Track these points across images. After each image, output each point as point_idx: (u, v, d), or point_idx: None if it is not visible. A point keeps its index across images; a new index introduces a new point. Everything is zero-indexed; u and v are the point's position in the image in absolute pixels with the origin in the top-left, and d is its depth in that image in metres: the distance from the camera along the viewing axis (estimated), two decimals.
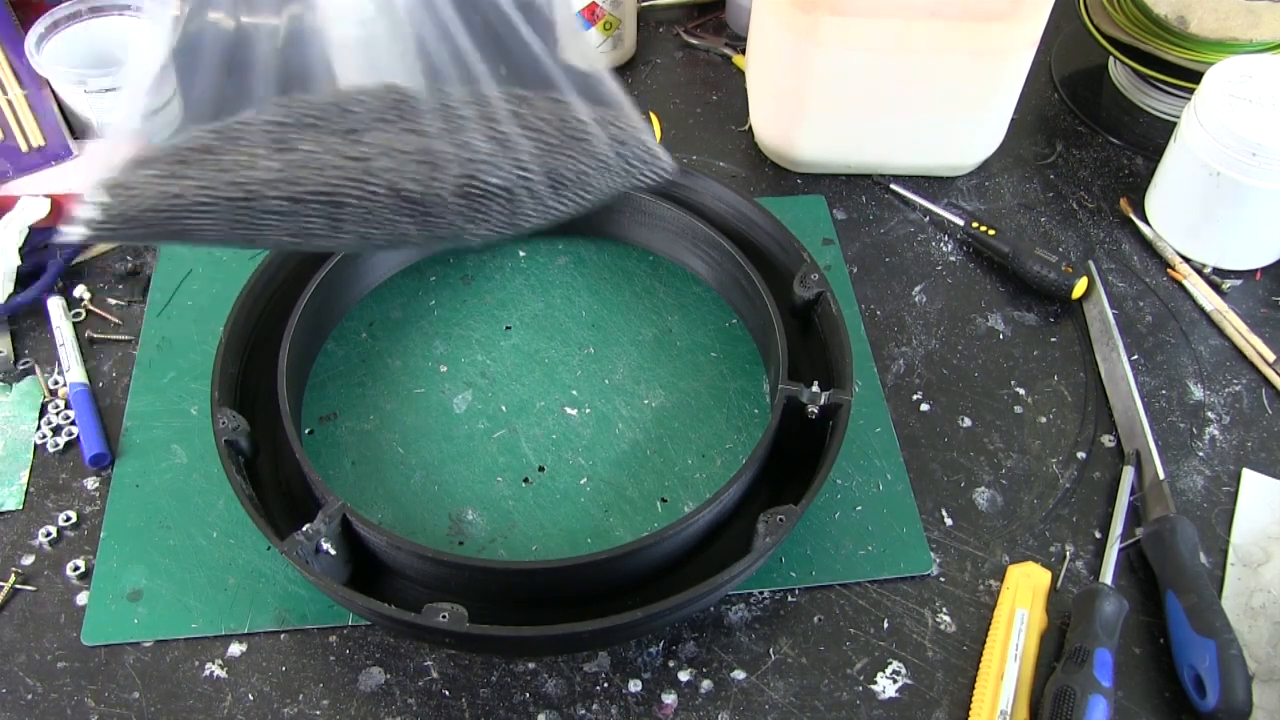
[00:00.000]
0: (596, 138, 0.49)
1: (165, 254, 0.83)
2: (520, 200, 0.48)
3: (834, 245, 0.85)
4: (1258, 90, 0.79)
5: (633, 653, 0.64)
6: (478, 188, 0.47)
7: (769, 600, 0.66)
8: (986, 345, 0.80)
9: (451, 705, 0.62)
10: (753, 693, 0.62)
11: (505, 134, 0.47)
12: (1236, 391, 0.78)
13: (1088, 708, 0.58)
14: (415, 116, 0.46)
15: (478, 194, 0.47)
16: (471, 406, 0.75)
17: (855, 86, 0.83)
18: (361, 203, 0.46)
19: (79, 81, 0.85)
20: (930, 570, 0.68)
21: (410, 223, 0.48)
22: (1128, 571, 0.68)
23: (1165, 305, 0.83)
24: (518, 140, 0.47)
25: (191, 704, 0.61)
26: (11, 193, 0.81)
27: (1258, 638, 0.65)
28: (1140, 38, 0.91)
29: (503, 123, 0.47)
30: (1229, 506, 0.71)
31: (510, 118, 0.47)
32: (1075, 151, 0.95)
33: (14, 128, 0.85)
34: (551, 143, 0.48)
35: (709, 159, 0.93)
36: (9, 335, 0.78)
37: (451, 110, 0.47)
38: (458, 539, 0.68)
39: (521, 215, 0.49)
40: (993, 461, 0.73)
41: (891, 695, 0.63)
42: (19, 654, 0.63)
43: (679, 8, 1.07)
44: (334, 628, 0.64)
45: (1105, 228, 0.89)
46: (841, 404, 0.65)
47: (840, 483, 0.71)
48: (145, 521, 0.68)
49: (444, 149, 0.46)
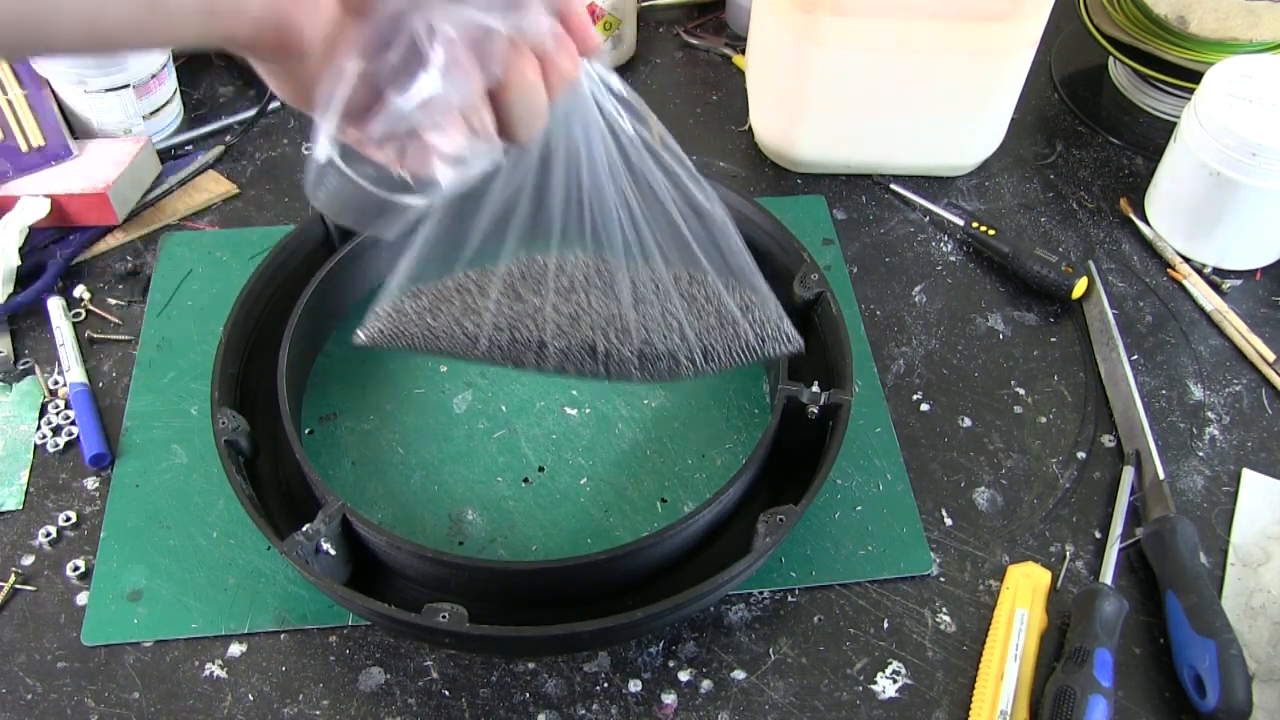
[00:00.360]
0: (740, 325, 0.61)
1: (165, 254, 0.83)
2: (682, 364, 0.60)
3: (834, 245, 0.85)
4: (1258, 90, 0.79)
5: (633, 653, 0.64)
6: (650, 353, 0.60)
7: (769, 600, 0.66)
8: (986, 345, 0.80)
9: (451, 705, 0.62)
10: (753, 693, 0.62)
11: (675, 311, 0.60)
12: (1236, 391, 0.78)
13: (1087, 708, 0.58)
14: (612, 284, 0.59)
15: (650, 357, 0.60)
16: (471, 406, 0.75)
17: (855, 86, 0.83)
18: (563, 350, 0.59)
19: (79, 81, 0.85)
20: (930, 570, 0.68)
21: (595, 365, 0.60)
22: (1128, 571, 0.68)
23: (1165, 305, 0.83)
24: (684, 319, 0.60)
25: (191, 704, 0.61)
26: (11, 193, 0.82)
27: (1258, 638, 0.65)
28: (1140, 38, 0.91)
29: (674, 300, 0.60)
30: (1229, 506, 0.71)
31: (679, 298, 0.60)
32: (1075, 151, 0.95)
33: (14, 128, 0.85)
34: (710, 324, 0.61)
35: (709, 159, 0.93)
36: (9, 335, 0.78)
37: (638, 284, 0.59)
38: (458, 539, 0.68)
39: (678, 374, 0.61)
40: (993, 461, 0.73)
41: (891, 695, 0.63)
42: (19, 654, 0.63)
43: (679, 8, 1.07)
44: (334, 628, 0.64)
45: (1105, 228, 0.89)
46: (841, 404, 0.66)
47: (840, 483, 0.71)
48: (145, 521, 0.68)
49: (631, 316, 0.59)
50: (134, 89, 0.87)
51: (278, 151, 0.92)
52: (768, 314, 0.63)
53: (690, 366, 0.61)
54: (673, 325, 0.60)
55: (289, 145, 0.93)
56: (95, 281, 0.82)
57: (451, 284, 0.61)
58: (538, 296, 0.60)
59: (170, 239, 0.84)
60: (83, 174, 0.83)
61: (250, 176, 0.90)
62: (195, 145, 0.92)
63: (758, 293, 0.62)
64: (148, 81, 0.87)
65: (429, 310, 0.60)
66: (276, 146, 0.93)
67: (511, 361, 0.61)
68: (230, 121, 0.94)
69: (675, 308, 0.60)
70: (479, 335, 0.60)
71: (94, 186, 0.82)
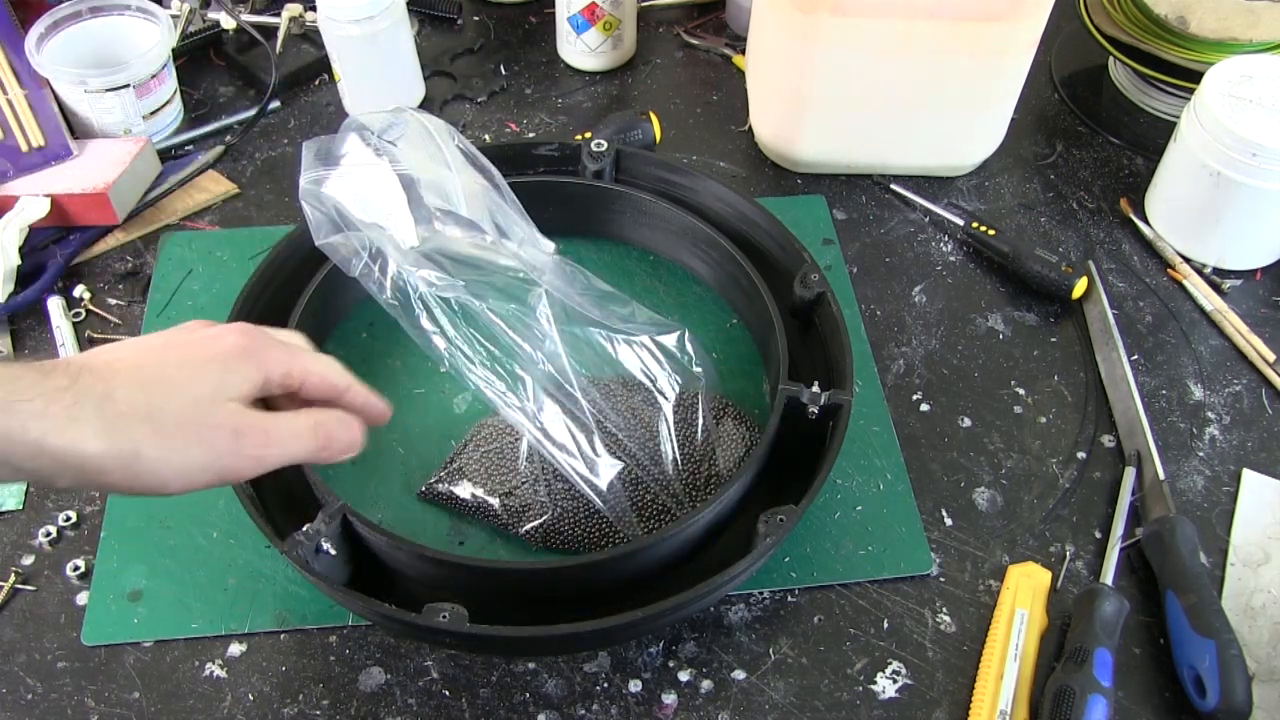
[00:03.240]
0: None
1: (165, 254, 0.83)
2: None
3: (834, 245, 0.85)
4: (1258, 90, 0.79)
5: (633, 653, 0.64)
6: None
7: (769, 600, 0.66)
8: (986, 345, 0.80)
9: (451, 705, 0.62)
10: (753, 693, 0.62)
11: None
12: (1236, 391, 0.78)
13: (1087, 707, 0.58)
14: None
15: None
16: (471, 406, 0.75)
17: (855, 87, 0.83)
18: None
19: (79, 81, 0.85)
20: (930, 570, 0.68)
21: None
22: (1128, 571, 0.68)
23: (1165, 305, 0.83)
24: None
25: (191, 704, 0.61)
26: (11, 193, 0.82)
27: (1258, 638, 0.65)
28: (1140, 38, 0.91)
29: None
30: (1229, 506, 0.71)
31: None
32: (1075, 151, 0.95)
33: (14, 128, 0.85)
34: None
35: (709, 159, 0.93)
36: (9, 335, 0.78)
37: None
38: (458, 539, 0.68)
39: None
40: (993, 461, 0.73)
41: (891, 695, 0.63)
42: (19, 654, 0.63)
43: (679, 8, 1.07)
44: (334, 628, 0.64)
45: (1105, 228, 0.89)
46: (842, 404, 0.65)
47: (840, 483, 0.71)
48: (145, 521, 0.68)
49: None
50: (134, 89, 0.87)
51: (278, 151, 0.92)
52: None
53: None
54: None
55: (289, 145, 0.93)
56: (95, 281, 0.82)
57: (488, 450, 0.70)
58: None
59: (170, 239, 0.84)
60: (83, 174, 0.83)
61: (250, 176, 0.90)
62: (195, 145, 0.92)
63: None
64: (148, 81, 0.87)
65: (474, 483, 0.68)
66: (276, 146, 0.93)
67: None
68: (230, 121, 0.94)
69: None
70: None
71: (94, 186, 0.82)
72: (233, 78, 0.98)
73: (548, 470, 0.67)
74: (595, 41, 0.97)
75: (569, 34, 0.98)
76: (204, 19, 0.98)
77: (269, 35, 0.98)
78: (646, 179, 0.81)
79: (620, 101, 0.98)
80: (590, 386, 0.67)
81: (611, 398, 0.69)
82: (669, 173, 0.81)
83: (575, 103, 0.98)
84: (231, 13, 0.96)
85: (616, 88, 0.99)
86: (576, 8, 0.95)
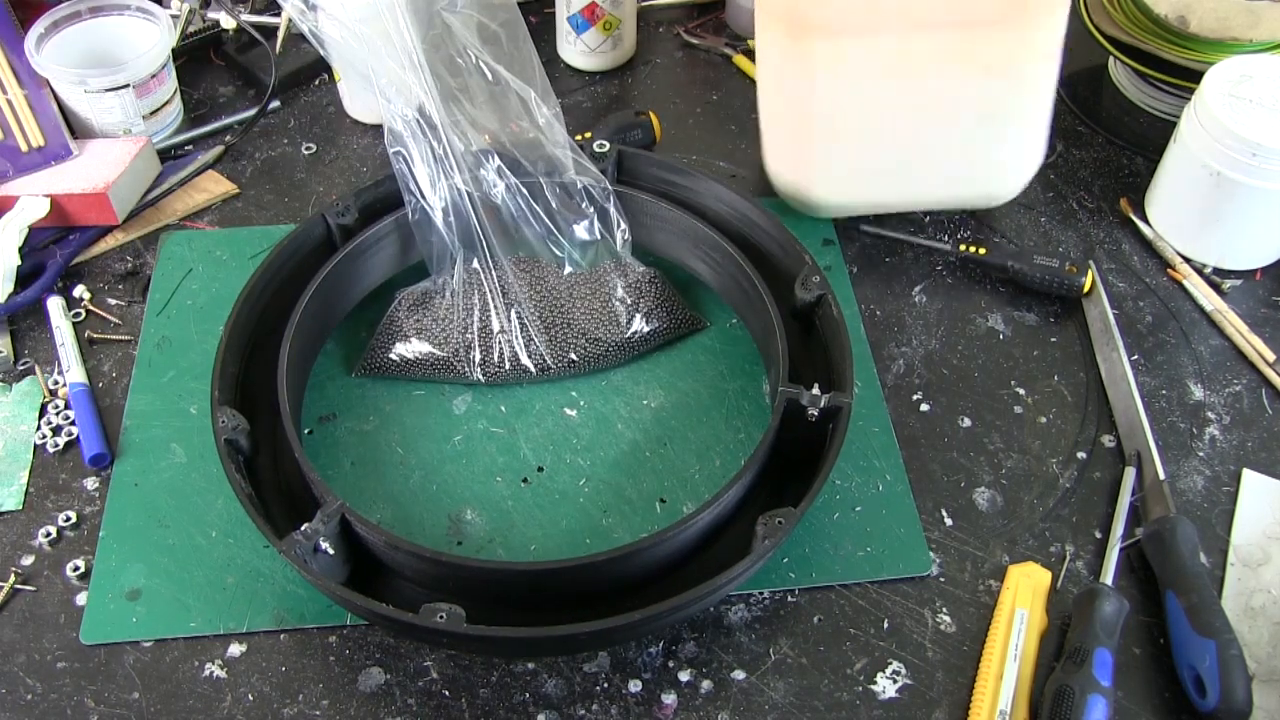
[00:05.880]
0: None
1: (165, 254, 0.83)
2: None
3: (834, 245, 0.85)
4: (1258, 90, 0.79)
5: (633, 653, 0.64)
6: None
7: (769, 600, 0.66)
8: (986, 345, 0.80)
9: (451, 705, 0.62)
10: (753, 693, 0.62)
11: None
12: (1236, 391, 0.78)
13: (1087, 707, 0.58)
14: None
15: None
16: (471, 407, 0.75)
17: (862, 116, 0.78)
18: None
19: (79, 81, 0.85)
20: (930, 570, 0.67)
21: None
22: (1128, 571, 0.68)
23: (1165, 305, 0.83)
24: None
25: (191, 704, 0.61)
26: (11, 193, 0.82)
27: (1258, 638, 0.65)
28: (1140, 38, 0.91)
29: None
30: (1229, 506, 0.71)
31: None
32: (1075, 151, 0.95)
33: (14, 128, 0.85)
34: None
35: (709, 159, 0.93)
36: (9, 335, 0.78)
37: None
38: (456, 539, 0.68)
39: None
40: (993, 461, 0.73)
41: (891, 695, 0.63)
42: (19, 654, 0.63)
43: (679, 8, 1.07)
44: (333, 628, 0.64)
45: (1105, 228, 0.88)
46: (842, 407, 0.65)
47: (840, 483, 0.71)
48: (144, 521, 0.68)
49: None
50: (134, 89, 0.87)
51: (278, 151, 0.92)
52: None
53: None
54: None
55: (289, 145, 0.93)
56: (95, 281, 0.82)
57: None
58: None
59: (170, 239, 0.84)
60: (83, 174, 0.83)
61: (250, 176, 0.90)
62: (195, 145, 0.92)
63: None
64: (148, 81, 0.87)
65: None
66: (276, 146, 0.93)
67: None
68: (230, 121, 0.94)
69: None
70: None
71: (94, 186, 0.82)
72: (232, 78, 0.98)
73: (485, 311, 0.75)
74: (595, 41, 0.97)
75: (569, 34, 0.98)
76: (204, 19, 0.98)
77: (269, 35, 0.98)
78: (648, 180, 0.81)
79: (620, 101, 0.98)
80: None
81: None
82: (670, 173, 0.80)
83: (575, 102, 0.98)
84: (231, 13, 0.96)
85: (616, 87, 0.99)
86: (576, 7, 0.95)
